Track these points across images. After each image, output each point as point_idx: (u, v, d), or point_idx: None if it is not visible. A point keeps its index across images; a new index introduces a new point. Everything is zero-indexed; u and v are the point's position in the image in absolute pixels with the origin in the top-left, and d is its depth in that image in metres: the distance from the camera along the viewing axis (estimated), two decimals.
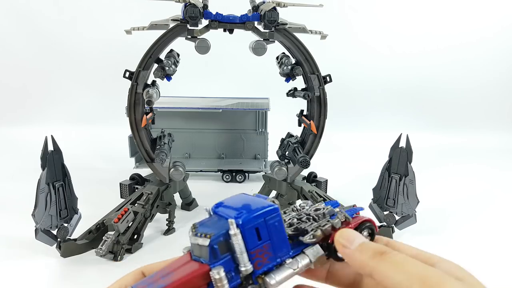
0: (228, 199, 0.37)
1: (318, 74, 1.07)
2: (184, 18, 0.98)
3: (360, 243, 0.37)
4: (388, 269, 0.34)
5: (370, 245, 0.37)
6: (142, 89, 1.03)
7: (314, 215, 0.40)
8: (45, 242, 0.92)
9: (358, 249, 0.36)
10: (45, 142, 0.90)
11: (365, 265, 0.35)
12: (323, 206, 0.42)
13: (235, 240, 0.32)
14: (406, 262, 0.34)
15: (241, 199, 0.38)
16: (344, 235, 0.38)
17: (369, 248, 0.36)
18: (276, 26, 1.01)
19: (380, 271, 0.34)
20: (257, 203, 0.36)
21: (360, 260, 0.36)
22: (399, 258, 0.34)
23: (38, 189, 0.88)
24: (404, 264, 0.34)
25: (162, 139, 1.15)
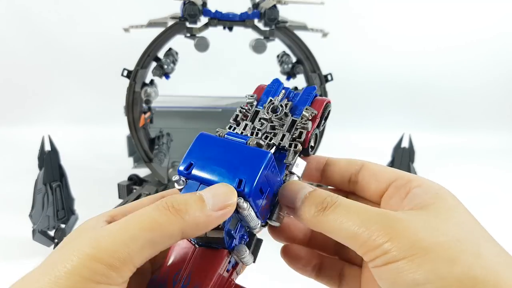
0: (194, 152, 0.32)
1: (319, 72, 1.06)
2: (183, 16, 0.97)
3: (301, 198, 0.32)
4: (334, 223, 0.30)
5: (312, 199, 0.32)
6: (140, 88, 1.01)
7: (275, 119, 0.36)
8: (42, 243, 0.91)
9: (302, 207, 0.32)
10: (42, 142, 0.89)
11: (313, 225, 0.32)
12: (278, 104, 0.37)
13: (246, 213, 0.30)
14: (353, 209, 0.30)
15: (214, 148, 0.32)
16: (285, 193, 0.33)
17: (311, 204, 0.32)
18: (277, 24, 1.00)
19: (328, 228, 0.31)
20: (244, 153, 0.31)
21: (306, 220, 0.32)
22: (343, 207, 0.31)
23: (35, 190, 0.87)
24: (351, 211, 0.30)
25: (161, 139, 1.14)
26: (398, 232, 0.27)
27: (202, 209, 0.28)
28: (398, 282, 0.27)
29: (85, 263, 0.24)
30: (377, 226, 0.28)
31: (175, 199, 0.28)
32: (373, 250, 0.28)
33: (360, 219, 0.29)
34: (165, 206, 0.27)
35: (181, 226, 0.27)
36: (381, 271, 0.28)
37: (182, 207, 0.27)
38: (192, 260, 0.31)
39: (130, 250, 0.25)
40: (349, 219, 0.29)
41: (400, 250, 0.27)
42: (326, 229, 0.31)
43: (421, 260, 0.26)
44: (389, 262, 0.27)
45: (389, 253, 0.27)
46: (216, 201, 0.28)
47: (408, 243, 0.27)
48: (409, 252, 0.26)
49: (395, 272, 0.27)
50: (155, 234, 0.26)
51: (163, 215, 0.27)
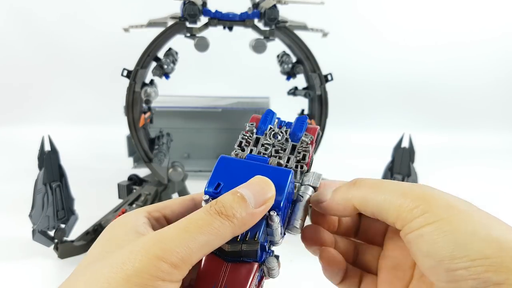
0: (220, 173, 0.35)
1: (319, 72, 1.06)
2: (183, 16, 0.97)
3: (332, 191, 0.36)
4: (365, 193, 0.33)
5: (341, 186, 0.36)
6: (140, 88, 1.01)
7: (278, 144, 0.40)
8: (42, 243, 0.91)
9: (333, 196, 0.36)
10: (42, 142, 0.89)
11: (344, 202, 0.34)
12: (278, 130, 0.41)
13: (275, 226, 0.33)
14: (382, 183, 0.33)
15: (238, 169, 0.35)
16: (315, 196, 0.37)
17: (341, 187, 0.36)
18: (277, 23, 1.00)
19: (359, 198, 0.33)
20: (269, 171, 0.34)
21: (338, 200, 0.35)
22: (372, 181, 0.34)
23: (35, 190, 0.87)
24: (380, 184, 0.33)
25: (161, 139, 1.14)
26: (432, 197, 0.30)
27: (247, 209, 0.31)
28: (438, 244, 0.28)
29: (154, 262, 0.27)
30: (411, 193, 0.30)
31: (222, 204, 0.30)
32: (409, 211, 0.29)
33: (391, 188, 0.32)
34: (216, 211, 0.30)
35: (232, 229, 0.30)
36: (419, 235, 0.29)
37: (230, 213, 0.30)
38: (226, 274, 0.33)
39: (190, 251, 0.28)
40: (378, 190, 0.32)
41: (438, 211, 0.28)
42: (357, 200, 0.33)
43: (460, 221, 0.28)
44: (428, 223, 0.28)
45: (427, 213, 0.28)
46: (257, 198, 0.31)
47: (445, 205, 0.29)
48: (447, 213, 0.28)
49: (435, 234, 0.28)
50: (211, 237, 0.29)
51: (217, 220, 0.30)
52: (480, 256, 0.26)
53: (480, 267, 0.26)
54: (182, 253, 0.28)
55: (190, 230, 0.29)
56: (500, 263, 0.26)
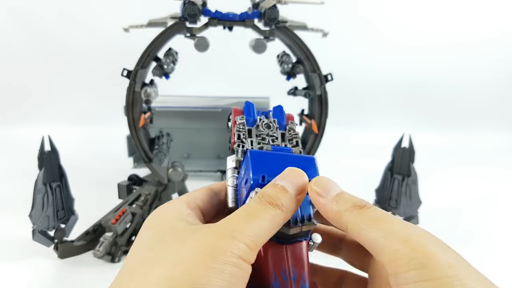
0: (258, 166, 0.37)
1: (319, 72, 1.06)
2: (183, 16, 0.97)
3: (337, 193, 0.35)
4: (365, 224, 0.32)
5: (348, 196, 0.34)
6: (140, 88, 1.01)
7: (271, 133, 0.42)
8: (42, 243, 0.91)
9: (335, 199, 0.34)
10: (42, 142, 0.89)
11: (340, 217, 0.33)
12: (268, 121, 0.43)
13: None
14: (387, 219, 0.32)
15: (271, 160, 0.38)
16: (320, 183, 0.35)
17: (348, 200, 0.34)
18: (277, 23, 1.00)
19: (356, 225, 0.32)
20: (298, 160, 0.38)
21: (336, 211, 0.34)
22: (379, 214, 0.32)
23: (35, 190, 0.87)
24: (385, 220, 0.31)
25: (161, 139, 1.14)
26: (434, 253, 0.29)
27: (290, 198, 0.34)
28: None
29: (234, 242, 0.30)
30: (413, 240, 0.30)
31: (269, 195, 0.34)
32: (407, 261, 0.29)
33: (394, 227, 0.31)
34: (268, 202, 0.33)
35: (284, 216, 0.33)
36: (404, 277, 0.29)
37: (279, 202, 0.33)
38: (288, 255, 0.36)
39: (258, 235, 0.31)
40: (382, 223, 0.31)
41: (436, 268, 0.28)
42: (353, 226, 0.33)
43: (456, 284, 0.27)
44: (423, 280, 0.28)
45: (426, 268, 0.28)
46: (295, 187, 0.34)
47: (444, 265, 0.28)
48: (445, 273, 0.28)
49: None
50: (270, 224, 0.32)
51: (271, 209, 0.33)
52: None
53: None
54: (252, 236, 0.31)
55: (253, 217, 0.32)
56: None
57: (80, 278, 0.89)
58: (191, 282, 0.28)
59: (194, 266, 0.29)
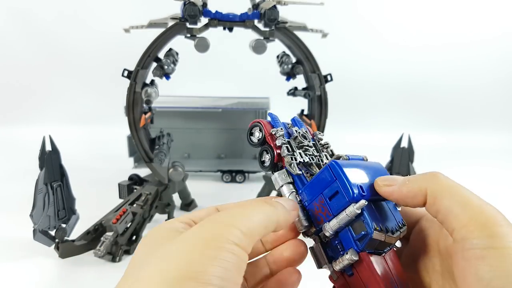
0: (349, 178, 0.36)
1: (318, 73, 1.06)
2: (183, 17, 0.98)
3: (404, 178, 0.36)
4: (442, 192, 0.33)
5: (417, 175, 0.36)
6: (140, 88, 1.02)
7: (313, 144, 0.43)
8: (43, 243, 0.91)
9: (405, 181, 0.35)
10: (43, 142, 0.89)
11: (417, 190, 0.34)
12: (304, 132, 0.42)
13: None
14: (461, 188, 0.33)
15: (353, 168, 0.37)
16: (383, 178, 0.37)
17: (417, 176, 0.35)
18: (277, 24, 1.01)
19: (433, 192, 0.33)
20: (373, 166, 0.39)
21: (411, 187, 0.35)
22: (453, 182, 0.34)
23: (36, 190, 0.88)
24: (459, 189, 0.33)
25: (161, 139, 1.14)
26: (506, 224, 0.30)
27: (283, 207, 0.36)
28: (497, 272, 0.28)
29: (228, 228, 0.30)
30: (487, 210, 0.31)
31: (266, 201, 0.36)
32: (480, 227, 0.30)
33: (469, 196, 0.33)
34: (265, 201, 0.36)
35: (277, 217, 0.34)
36: (481, 256, 0.29)
37: (274, 203, 0.36)
38: (389, 266, 0.36)
39: (253, 224, 0.32)
40: (458, 191, 0.33)
41: (508, 237, 0.29)
42: (433, 193, 0.33)
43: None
44: (496, 247, 0.29)
45: (497, 237, 0.29)
46: (289, 204, 0.37)
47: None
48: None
49: (498, 261, 0.28)
50: (264, 217, 0.33)
51: (266, 205, 0.35)
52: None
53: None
54: (247, 224, 0.31)
55: (247, 208, 0.34)
56: None
57: (81, 278, 0.89)
58: (186, 271, 0.27)
59: (189, 255, 0.28)
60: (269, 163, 0.40)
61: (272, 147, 0.40)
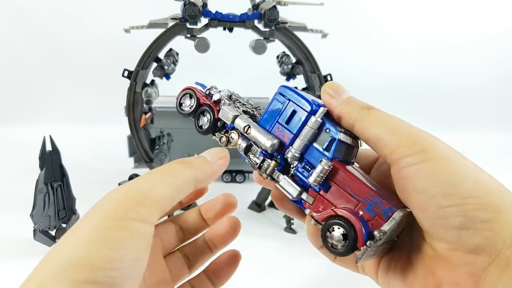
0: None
1: (318, 73, 1.06)
2: (183, 17, 0.98)
3: (347, 96, 0.36)
4: (372, 122, 0.33)
5: (357, 100, 0.36)
6: (141, 88, 1.02)
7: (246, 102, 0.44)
8: (43, 243, 0.91)
9: (346, 101, 0.36)
10: (43, 142, 0.89)
11: (349, 116, 0.35)
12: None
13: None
14: (391, 117, 0.34)
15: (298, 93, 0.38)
16: (333, 87, 0.37)
17: (356, 102, 0.36)
18: (276, 24, 1.01)
19: (363, 123, 0.34)
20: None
21: (346, 110, 0.35)
22: (384, 113, 0.34)
23: (37, 190, 0.88)
24: (389, 118, 0.33)
25: (161, 139, 1.14)
26: (435, 141, 0.32)
27: (204, 161, 0.36)
28: (433, 180, 0.29)
29: (120, 203, 0.29)
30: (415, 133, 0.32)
31: (181, 159, 0.35)
32: (410, 147, 0.31)
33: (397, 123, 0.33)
34: (176, 161, 0.34)
35: (193, 174, 0.34)
36: (415, 170, 0.30)
37: (189, 161, 0.35)
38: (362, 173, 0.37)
39: (156, 191, 0.30)
40: (386, 121, 0.33)
41: (438, 152, 0.30)
42: (360, 123, 0.34)
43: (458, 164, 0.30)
44: (426, 160, 0.29)
45: (426, 152, 0.30)
46: (212, 155, 0.37)
47: (445, 149, 0.31)
48: (447, 154, 0.30)
49: (431, 170, 0.29)
50: (173, 179, 0.32)
51: (178, 165, 0.34)
52: (471, 195, 0.28)
53: (470, 205, 0.28)
54: (147, 192, 0.30)
55: (154, 174, 0.33)
56: (489, 203, 0.28)
57: None
58: (90, 264, 0.26)
59: (90, 246, 0.27)
60: (209, 123, 0.40)
61: (211, 105, 0.41)
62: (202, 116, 0.41)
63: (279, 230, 1.06)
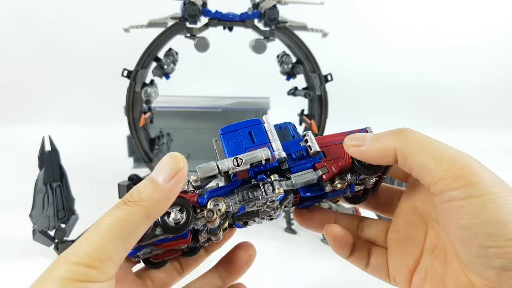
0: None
1: (319, 72, 1.06)
2: (183, 16, 0.97)
3: (373, 135, 0.35)
4: (412, 148, 0.32)
5: (384, 132, 0.35)
6: (140, 88, 1.01)
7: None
8: (42, 243, 0.91)
9: (374, 139, 0.34)
10: (42, 142, 0.89)
11: (387, 149, 0.33)
12: None
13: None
14: (431, 141, 0.32)
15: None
16: (353, 137, 0.36)
17: (386, 133, 0.34)
18: (277, 24, 1.00)
19: (403, 150, 0.32)
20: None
21: (381, 146, 0.33)
22: (422, 136, 0.33)
23: (36, 190, 0.87)
24: (430, 142, 0.32)
25: (161, 139, 1.14)
26: (483, 170, 0.29)
27: (155, 188, 0.30)
28: (479, 219, 0.28)
29: (67, 267, 0.28)
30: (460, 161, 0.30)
31: (129, 192, 0.31)
32: (455, 179, 0.29)
33: (440, 148, 0.32)
34: (123, 202, 0.30)
35: (144, 212, 0.29)
36: (460, 206, 0.28)
37: (136, 197, 0.30)
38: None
39: (104, 249, 0.28)
40: (428, 145, 0.31)
41: (486, 185, 0.28)
42: (402, 150, 0.32)
43: (507, 200, 0.28)
44: (473, 196, 0.28)
45: (474, 186, 0.28)
46: (165, 175, 0.30)
47: (494, 181, 0.29)
48: (496, 189, 0.28)
49: (478, 208, 0.28)
50: (123, 229, 0.29)
51: (124, 210, 0.30)
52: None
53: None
54: (95, 252, 0.28)
55: (100, 228, 0.29)
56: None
57: None
58: None
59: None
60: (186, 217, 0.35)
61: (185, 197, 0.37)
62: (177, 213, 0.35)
63: (279, 230, 1.06)
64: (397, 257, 0.37)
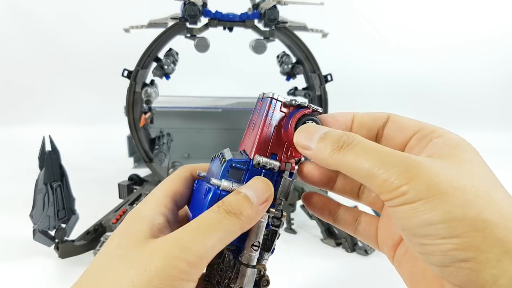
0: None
1: (319, 73, 1.06)
2: (183, 16, 0.98)
3: (318, 137, 0.33)
4: (351, 162, 0.30)
5: (328, 137, 0.32)
6: (140, 88, 1.02)
7: None
8: (42, 243, 0.91)
9: (318, 147, 0.33)
10: (43, 142, 0.89)
11: (329, 164, 0.32)
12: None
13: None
14: (371, 148, 0.30)
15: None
16: (300, 136, 0.34)
17: (327, 143, 0.32)
18: (277, 24, 1.00)
19: (345, 167, 0.31)
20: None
21: (323, 159, 0.32)
22: (361, 146, 0.31)
23: (36, 190, 0.87)
24: (369, 151, 0.30)
25: (161, 139, 1.14)
26: (416, 175, 0.28)
27: (251, 207, 0.33)
28: (413, 221, 0.28)
29: (173, 262, 0.29)
30: (395, 169, 0.29)
31: (229, 203, 0.33)
32: (390, 191, 0.29)
33: (378, 160, 0.29)
34: (225, 210, 0.32)
35: (240, 226, 0.32)
36: (397, 211, 0.29)
37: (237, 211, 0.32)
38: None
39: (206, 249, 0.30)
40: (367, 159, 0.30)
41: (417, 192, 0.28)
42: (342, 168, 0.31)
43: (436, 203, 0.27)
44: (406, 203, 0.28)
45: (406, 195, 0.28)
46: (259, 197, 0.33)
47: (425, 186, 0.28)
48: (426, 194, 0.28)
49: (411, 213, 0.28)
50: (222, 234, 0.31)
51: (226, 219, 0.32)
52: (450, 235, 0.27)
53: (448, 245, 0.27)
54: (199, 251, 0.30)
55: (203, 229, 0.31)
56: (470, 242, 0.27)
57: None
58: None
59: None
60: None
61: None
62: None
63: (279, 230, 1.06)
64: (386, 229, 0.38)
